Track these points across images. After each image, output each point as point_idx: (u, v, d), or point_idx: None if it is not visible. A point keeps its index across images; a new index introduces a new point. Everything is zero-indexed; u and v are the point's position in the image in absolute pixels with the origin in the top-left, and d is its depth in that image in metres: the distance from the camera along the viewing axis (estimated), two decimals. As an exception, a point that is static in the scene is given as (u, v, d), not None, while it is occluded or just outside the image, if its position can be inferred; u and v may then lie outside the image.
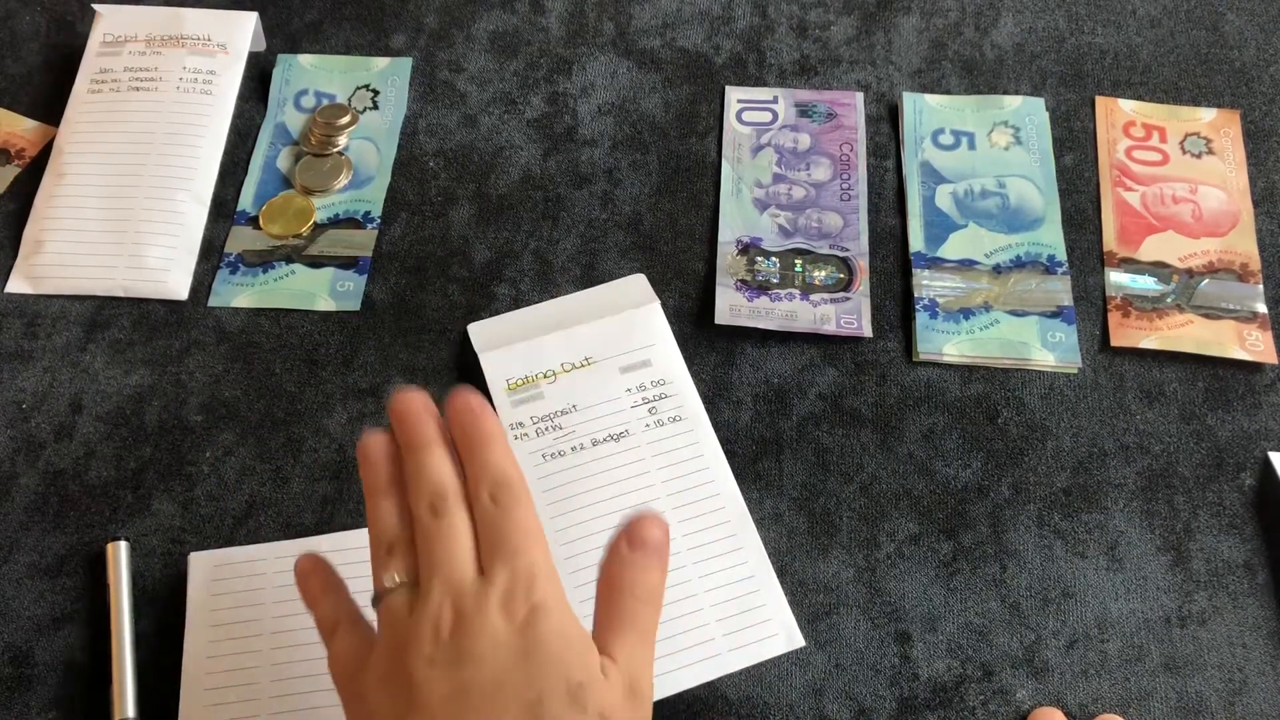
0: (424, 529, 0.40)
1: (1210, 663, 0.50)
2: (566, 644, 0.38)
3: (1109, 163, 0.64)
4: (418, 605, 0.39)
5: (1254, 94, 0.66)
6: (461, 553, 0.40)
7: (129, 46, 0.66)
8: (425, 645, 0.38)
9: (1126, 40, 0.69)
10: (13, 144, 0.65)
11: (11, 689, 0.50)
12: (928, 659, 0.51)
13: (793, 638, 0.50)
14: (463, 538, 0.40)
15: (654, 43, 0.69)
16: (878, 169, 0.64)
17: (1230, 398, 0.57)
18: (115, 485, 0.55)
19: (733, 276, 0.60)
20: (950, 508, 0.54)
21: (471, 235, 0.62)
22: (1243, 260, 0.60)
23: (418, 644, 0.38)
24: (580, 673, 0.38)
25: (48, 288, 0.60)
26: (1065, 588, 0.52)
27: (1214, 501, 0.54)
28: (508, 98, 0.67)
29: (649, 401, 0.56)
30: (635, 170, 0.64)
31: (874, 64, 0.68)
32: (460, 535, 0.40)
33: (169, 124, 0.64)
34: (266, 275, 0.61)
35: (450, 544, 0.40)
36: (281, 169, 0.64)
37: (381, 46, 0.69)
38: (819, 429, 0.56)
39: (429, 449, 0.41)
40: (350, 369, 0.58)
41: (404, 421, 0.42)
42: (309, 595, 0.43)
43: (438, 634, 0.38)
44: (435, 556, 0.40)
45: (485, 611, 0.39)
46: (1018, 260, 0.61)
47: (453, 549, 0.40)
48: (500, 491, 0.40)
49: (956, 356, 0.58)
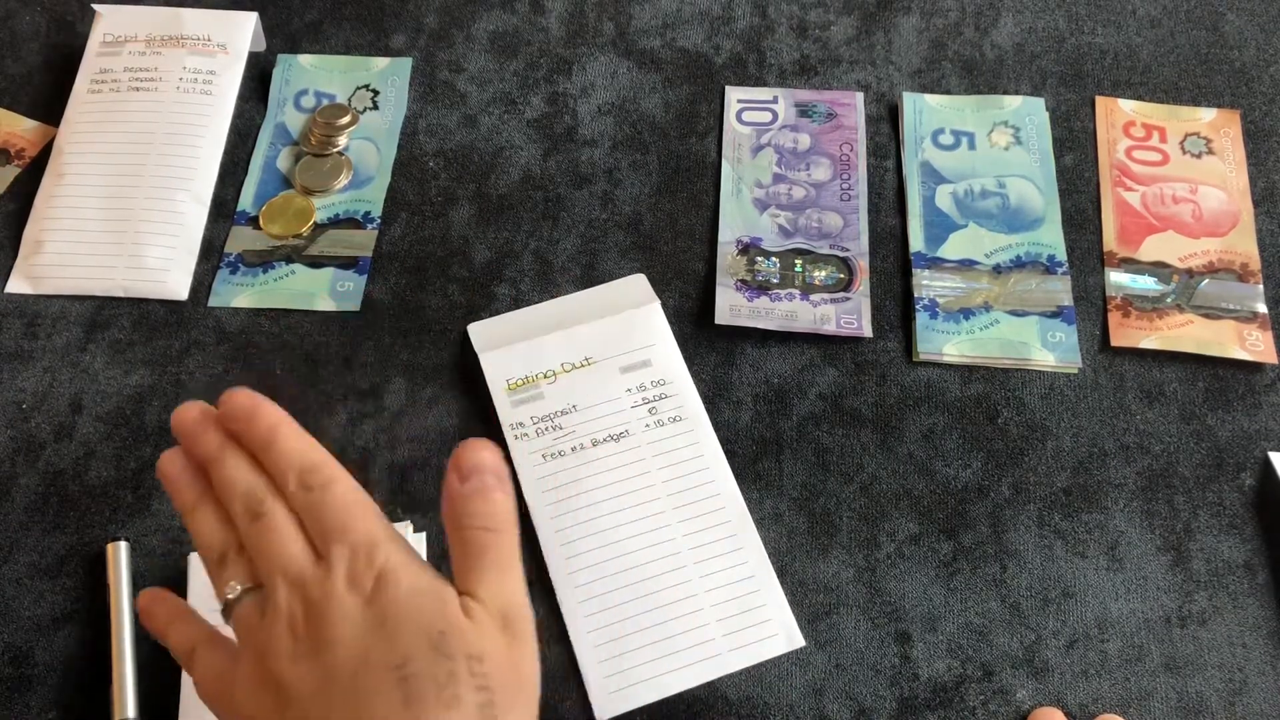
0: (248, 535, 0.39)
1: (1210, 663, 0.50)
2: (419, 598, 0.38)
3: (1109, 163, 0.64)
4: (267, 607, 0.38)
5: (1254, 94, 0.66)
6: (293, 546, 0.39)
7: (129, 46, 0.66)
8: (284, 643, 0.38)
9: (1126, 40, 0.69)
10: (13, 144, 0.65)
11: (11, 689, 0.50)
12: (928, 659, 0.51)
13: (793, 638, 0.51)
14: (289, 531, 0.39)
15: (654, 43, 0.69)
16: (878, 169, 0.64)
17: (1230, 398, 0.57)
18: (115, 485, 0.55)
19: (733, 276, 0.60)
20: (950, 508, 0.54)
21: (471, 235, 0.62)
22: (1243, 260, 0.60)
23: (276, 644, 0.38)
24: (439, 622, 0.37)
25: (48, 288, 0.60)
26: (1065, 588, 0.52)
27: (1214, 501, 0.54)
28: (508, 98, 0.67)
29: (649, 401, 0.56)
30: (635, 170, 0.64)
31: (874, 64, 0.68)
32: (286, 530, 0.39)
33: (169, 124, 0.64)
34: (266, 275, 0.61)
35: (279, 540, 0.39)
36: (281, 169, 0.64)
37: (381, 46, 0.69)
38: (819, 429, 0.56)
39: (223, 458, 0.40)
40: (350, 369, 0.58)
41: (187, 438, 0.41)
42: (157, 627, 0.42)
43: (294, 629, 0.38)
44: (269, 555, 0.39)
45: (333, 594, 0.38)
46: (1018, 260, 0.61)
47: (284, 545, 0.39)
48: (307, 476, 0.39)
49: (956, 356, 0.58)
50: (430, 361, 0.58)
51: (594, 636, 0.50)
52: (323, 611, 0.38)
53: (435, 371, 0.58)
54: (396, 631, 0.37)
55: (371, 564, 0.38)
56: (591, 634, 0.50)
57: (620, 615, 0.51)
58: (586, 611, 0.51)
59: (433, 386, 0.58)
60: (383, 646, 0.37)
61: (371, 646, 0.37)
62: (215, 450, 0.40)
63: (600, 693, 0.49)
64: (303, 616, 0.38)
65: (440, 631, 0.37)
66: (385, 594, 0.37)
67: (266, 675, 0.38)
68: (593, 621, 0.51)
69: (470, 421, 0.56)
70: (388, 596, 0.37)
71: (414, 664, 0.36)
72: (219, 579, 0.40)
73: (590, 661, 0.50)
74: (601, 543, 0.52)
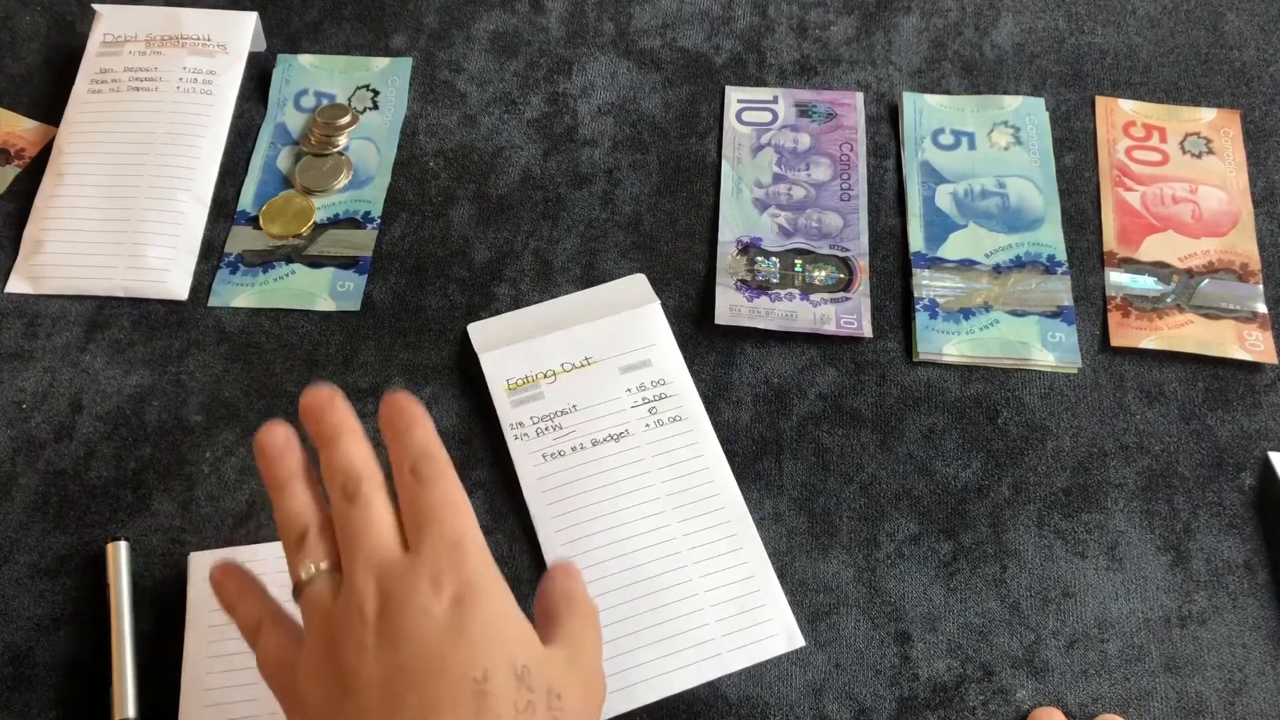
0: (340, 515, 0.39)
1: (1210, 663, 0.50)
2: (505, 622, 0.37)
3: (1109, 163, 0.64)
4: (342, 591, 0.37)
5: (1254, 94, 0.66)
6: (383, 531, 0.38)
7: (129, 46, 0.66)
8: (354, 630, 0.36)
9: (1126, 40, 0.69)
10: (13, 144, 0.65)
11: (11, 689, 0.50)
12: (928, 659, 0.51)
13: (793, 638, 0.51)
14: (383, 516, 0.38)
15: (654, 43, 0.69)
16: (878, 169, 0.64)
17: (1230, 398, 0.57)
18: (115, 485, 0.55)
19: (733, 276, 0.60)
20: (950, 508, 0.54)
21: (471, 235, 0.62)
22: (1243, 260, 0.60)
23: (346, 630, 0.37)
24: (523, 652, 0.37)
25: (48, 288, 0.60)
26: (1065, 588, 0.52)
27: (1214, 501, 0.54)
28: (508, 98, 0.67)
29: (649, 401, 0.56)
30: (635, 170, 0.64)
31: (874, 64, 0.68)
32: (379, 514, 0.38)
33: (169, 124, 0.64)
34: (266, 275, 0.61)
35: (369, 524, 0.38)
36: (281, 169, 0.64)
37: (381, 46, 0.69)
38: (819, 429, 0.56)
39: (342, 437, 0.40)
40: (350, 369, 0.58)
41: (317, 414, 0.40)
42: (227, 601, 0.41)
43: (364, 617, 0.37)
44: (354, 538, 0.38)
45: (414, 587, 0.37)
46: (1018, 260, 0.61)
47: (372, 528, 0.38)
48: (422, 464, 0.39)
49: (956, 356, 0.58)
50: (430, 361, 0.58)
51: (594, 636, 0.50)
52: (402, 604, 0.36)
53: (435, 371, 0.58)
54: (479, 646, 0.36)
55: (458, 568, 0.37)
56: (591, 634, 0.50)
57: (620, 615, 0.51)
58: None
59: (432, 386, 0.58)
60: (462, 656, 0.36)
61: (450, 653, 0.36)
62: (338, 428, 0.40)
63: (600, 693, 0.49)
64: (379, 605, 0.37)
65: (524, 665, 0.36)
66: (469, 604, 0.37)
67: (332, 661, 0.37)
68: (593, 621, 0.51)
69: (470, 421, 0.56)
70: (472, 608, 0.37)
71: (494, 683, 0.35)
72: (296, 558, 0.39)
73: (590, 661, 0.50)
74: (601, 543, 0.52)
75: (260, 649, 0.39)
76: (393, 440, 0.40)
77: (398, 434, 0.40)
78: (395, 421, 0.40)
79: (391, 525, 0.38)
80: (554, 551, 0.52)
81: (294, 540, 0.39)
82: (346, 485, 0.39)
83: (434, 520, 0.38)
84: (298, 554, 0.39)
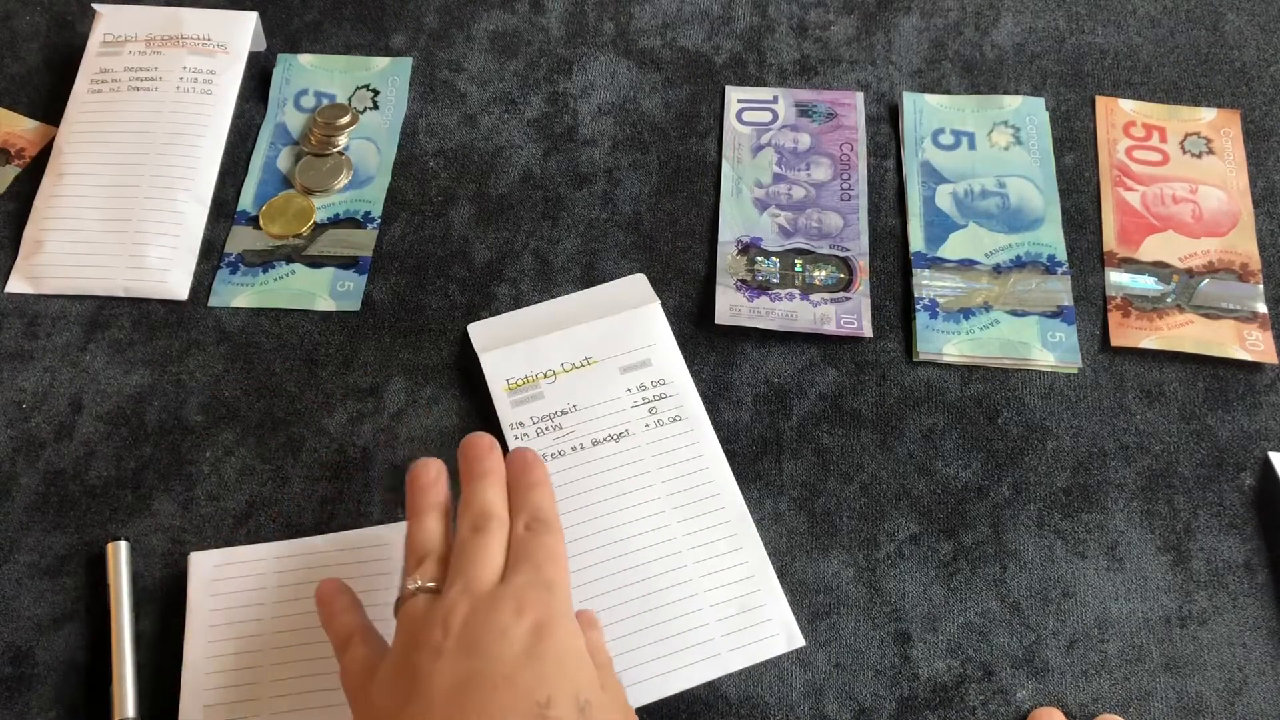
0: (462, 542, 0.43)
1: (1210, 663, 0.50)
2: (576, 657, 0.40)
3: (1109, 163, 0.64)
4: (436, 602, 0.41)
5: (1254, 94, 0.66)
6: (491, 563, 0.42)
7: (129, 46, 0.66)
8: (435, 636, 0.39)
9: (1126, 40, 0.69)
10: (13, 144, 0.65)
11: (11, 689, 0.50)
12: (928, 659, 0.51)
13: (793, 638, 0.51)
14: (496, 553, 0.42)
15: (654, 43, 0.69)
16: (878, 169, 0.64)
17: (1230, 398, 0.57)
18: (115, 485, 0.55)
19: (733, 276, 0.60)
20: (950, 508, 0.54)
21: (471, 235, 0.62)
22: (1243, 260, 0.60)
23: (428, 636, 0.39)
24: (587, 689, 0.39)
25: (48, 287, 0.60)
26: (1065, 588, 0.52)
27: (1214, 501, 0.54)
28: (508, 98, 0.67)
29: (649, 401, 0.56)
30: (635, 170, 0.64)
31: (874, 64, 0.68)
32: (495, 550, 0.43)
33: (169, 124, 0.64)
34: (266, 275, 0.61)
35: (483, 553, 0.42)
36: (282, 169, 0.64)
37: (381, 46, 0.69)
38: (819, 429, 0.56)
39: (488, 479, 0.45)
40: (350, 369, 0.58)
41: (473, 455, 0.46)
42: (326, 614, 0.45)
43: (448, 627, 0.39)
44: (464, 563, 0.42)
45: (498, 609, 0.40)
46: (1018, 260, 0.61)
47: (482, 557, 0.42)
48: (536, 523, 0.44)
49: (956, 356, 0.58)
50: (430, 361, 0.58)
51: (594, 636, 0.50)
52: (484, 620, 0.39)
53: (435, 371, 0.58)
54: (549, 673, 0.38)
55: (544, 604, 0.40)
56: (591, 634, 0.51)
57: (620, 615, 0.51)
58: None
59: (432, 386, 0.58)
60: (531, 678, 0.38)
61: (519, 672, 0.38)
62: (488, 472, 0.46)
63: (600, 693, 0.49)
64: (464, 619, 0.39)
65: (587, 699, 0.39)
66: (547, 635, 0.39)
67: (407, 664, 0.39)
68: (593, 621, 0.51)
69: (470, 421, 0.56)
70: (548, 638, 0.39)
71: (558, 709, 0.38)
72: (410, 573, 0.43)
73: (590, 661, 0.50)
74: (601, 543, 0.52)
75: (345, 659, 0.43)
76: (517, 492, 0.46)
77: (523, 489, 0.46)
78: (523, 477, 0.46)
79: (500, 562, 0.42)
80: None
81: (415, 560, 0.43)
82: (478, 520, 0.43)
83: (533, 562, 0.42)
84: (413, 571, 0.43)
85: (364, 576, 0.51)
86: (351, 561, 0.51)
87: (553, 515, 0.45)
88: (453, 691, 0.38)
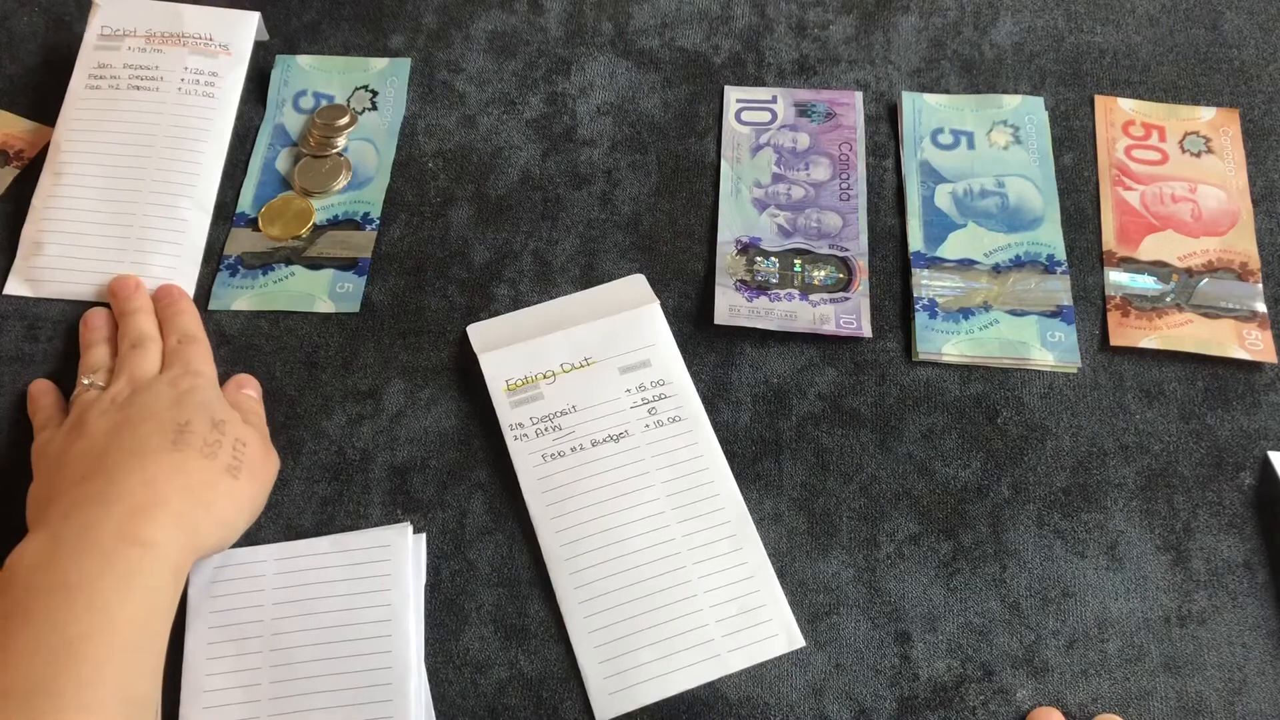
0: (123, 356, 0.54)
1: (1210, 663, 0.50)
2: (217, 399, 0.52)
3: (1108, 162, 0.64)
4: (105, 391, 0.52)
5: (1253, 93, 0.66)
6: (149, 364, 0.54)
7: (128, 42, 0.65)
8: (103, 403, 0.51)
9: (1126, 39, 0.69)
10: (11, 145, 0.65)
11: (12, 691, 0.50)
12: (928, 659, 0.51)
13: (793, 638, 0.51)
14: (153, 359, 0.54)
15: (653, 43, 0.69)
16: (877, 169, 0.64)
17: (1230, 397, 0.57)
18: (115, 487, 0.55)
19: (732, 276, 0.60)
20: (950, 508, 0.54)
21: (471, 236, 0.62)
22: (1242, 259, 0.60)
23: (96, 406, 0.51)
24: (223, 413, 0.51)
25: (48, 291, 0.60)
26: (1065, 587, 0.52)
27: (1214, 501, 0.54)
28: (506, 98, 0.67)
29: (649, 402, 0.56)
30: (634, 170, 0.64)
31: (873, 63, 0.68)
32: (151, 357, 0.54)
33: (171, 127, 0.63)
34: (266, 277, 0.61)
35: (142, 360, 0.54)
36: (280, 170, 0.64)
37: (380, 47, 0.69)
38: (819, 429, 0.56)
39: (140, 313, 0.57)
40: (350, 371, 0.58)
41: (123, 295, 0.58)
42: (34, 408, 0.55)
43: (114, 398, 0.51)
44: (127, 365, 0.53)
45: (154, 386, 0.52)
46: (1017, 260, 0.61)
47: (142, 362, 0.54)
48: (185, 338, 0.56)
49: (956, 356, 0.58)
50: (429, 362, 0.58)
51: (594, 637, 0.50)
52: (143, 389, 0.52)
53: (434, 372, 0.58)
54: (189, 407, 0.50)
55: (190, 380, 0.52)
56: (592, 634, 0.51)
57: (620, 615, 0.51)
58: (586, 612, 0.51)
59: (432, 387, 0.58)
60: (174, 412, 0.50)
61: (165, 410, 0.50)
62: (138, 306, 0.57)
63: (600, 693, 0.49)
64: (126, 396, 0.52)
65: (221, 419, 0.51)
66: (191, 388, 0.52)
67: (76, 422, 0.51)
68: (593, 622, 0.51)
69: (470, 422, 0.56)
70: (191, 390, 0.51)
71: (193, 426, 0.49)
72: (81, 375, 0.55)
73: (590, 662, 0.50)
74: (601, 543, 0.52)
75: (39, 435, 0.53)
76: (166, 318, 0.57)
77: (169, 314, 0.57)
78: (169, 306, 0.58)
79: (158, 365, 0.54)
80: (554, 552, 0.52)
81: (87, 369, 0.55)
82: (136, 340, 0.55)
83: (183, 360, 0.54)
84: (86, 374, 0.54)
85: (364, 578, 0.51)
86: (351, 563, 0.51)
87: (199, 332, 0.57)
88: (111, 430, 0.49)
